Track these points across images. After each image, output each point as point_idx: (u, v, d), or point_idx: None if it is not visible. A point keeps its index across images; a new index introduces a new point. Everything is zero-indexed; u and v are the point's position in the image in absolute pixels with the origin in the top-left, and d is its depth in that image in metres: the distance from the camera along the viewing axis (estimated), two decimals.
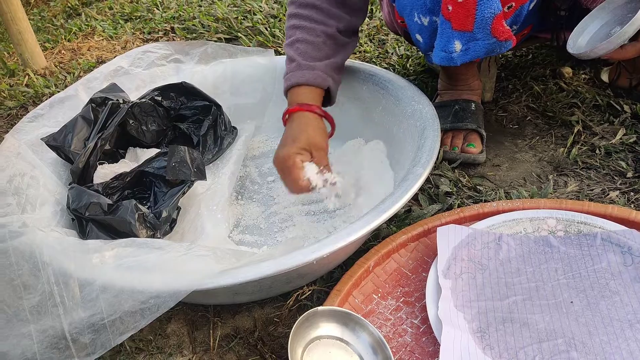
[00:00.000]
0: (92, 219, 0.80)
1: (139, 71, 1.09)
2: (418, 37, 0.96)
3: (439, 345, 0.66)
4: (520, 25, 0.94)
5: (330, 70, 0.93)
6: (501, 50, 0.87)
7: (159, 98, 1.00)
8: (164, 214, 0.79)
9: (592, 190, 0.94)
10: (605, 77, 1.18)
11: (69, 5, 2.35)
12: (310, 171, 0.84)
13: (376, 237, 0.88)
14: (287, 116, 0.91)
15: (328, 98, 0.95)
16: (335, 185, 0.85)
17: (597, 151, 1.02)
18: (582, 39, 0.92)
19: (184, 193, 0.84)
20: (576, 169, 1.00)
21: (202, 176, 0.86)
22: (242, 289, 0.72)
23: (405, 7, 0.93)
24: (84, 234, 0.80)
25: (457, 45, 0.87)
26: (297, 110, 0.89)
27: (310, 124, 0.87)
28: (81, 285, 0.62)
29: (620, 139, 1.04)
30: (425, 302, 0.73)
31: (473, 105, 1.08)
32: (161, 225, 0.80)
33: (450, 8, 0.83)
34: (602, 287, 0.72)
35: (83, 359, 0.60)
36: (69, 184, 0.87)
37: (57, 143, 0.92)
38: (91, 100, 0.95)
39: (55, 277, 0.63)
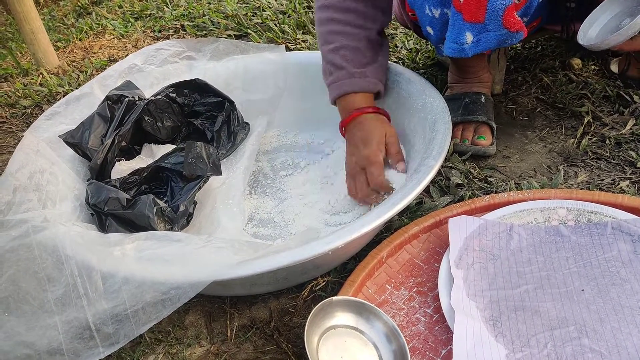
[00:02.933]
0: (111, 213, 0.82)
1: (153, 68, 1.11)
2: (429, 29, 0.96)
3: (452, 333, 0.68)
4: (530, 17, 0.95)
5: (379, 74, 0.97)
6: (512, 41, 0.87)
7: (174, 95, 1.02)
8: (182, 208, 0.81)
9: (602, 180, 0.95)
10: (614, 67, 1.18)
11: (79, 4, 2.37)
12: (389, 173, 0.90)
13: (388, 228, 0.89)
14: (346, 124, 0.95)
15: (376, 96, 0.99)
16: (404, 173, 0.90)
17: (607, 141, 1.03)
18: (592, 31, 0.93)
19: (200, 188, 0.86)
20: (586, 159, 1.01)
21: (218, 171, 0.88)
22: (258, 279, 0.73)
23: None
24: (103, 229, 0.82)
25: (469, 37, 0.87)
26: (358, 115, 0.93)
27: (377, 120, 0.92)
28: (104, 277, 0.64)
29: (631, 129, 1.04)
30: (437, 291, 0.74)
31: (483, 98, 1.09)
32: (179, 219, 0.81)
33: (461, 0, 0.84)
34: (613, 275, 0.73)
35: (107, 348, 0.62)
36: (88, 180, 0.89)
37: (74, 140, 0.94)
38: (107, 98, 0.97)
39: (79, 269, 0.65)
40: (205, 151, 0.87)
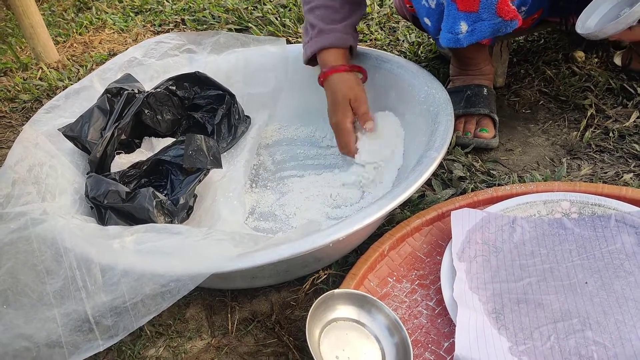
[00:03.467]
0: (111, 206, 0.81)
1: (153, 62, 1.10)
2: (426, 20, 0.96)
3: (454, 326, 0.67)
4: (530, 8, 0.94)
5: (349, 30, 0.99)
6: (507, 29, 0.87)
7: (174, 88, 1.01)
8: (181, 201, 0.81)
9: (605, 173, 0.94)
10: (618, 60, 1.17)
11: None
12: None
13: (390, 221, 0.89)
14: (321, 79, 1.00)
15: (350, 53, 1.02)
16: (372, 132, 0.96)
17: (611, 134, 1.02)
18: (592, 20, 0.92)
19: (200, 181, 0.85)
20: (590, 152, 1.00)
21: (218, 164, 0.87)
22: (259, 272, 0.73)
23: None
24: (102, 222, 0.82)
25: (463, 27, 0.87)
26: (330, 73, 0.97)
27: (344, 83, 0.96)
28: (103, 270, 0.64)
29: (634, 121, 1.03)
30: (439, 284, 0.74)
31: (485, 90, 1.08)
32: (178, 212, 0.81)
33: None
34: (617, 267, 0.72)
35: (106, 341, 0.61)
36: (87, 173, 0.88)
37: (74, 133, 0.93)
38: (106, 91, 0.96)
39: (77, 262, 0.65)
40: (206, 144, 0.86)
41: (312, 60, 1.03)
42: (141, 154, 0.93)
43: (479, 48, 1.02)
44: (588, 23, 0.91)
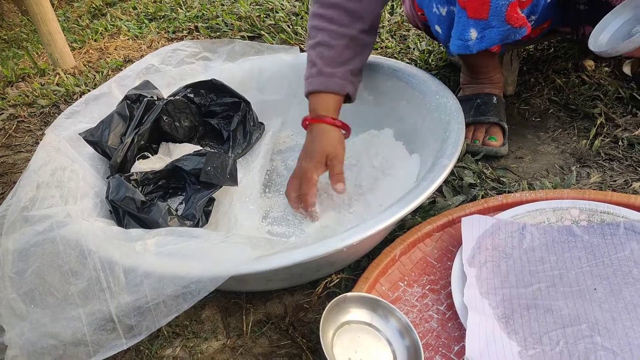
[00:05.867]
0: (127, 211, 0.84)
1: (170, 69, 1.13)
2: (437, 28, 0.97)
3: (465, 330, 0.68)
4: (539, 17, 0.95)
5: (349, 76, 0.96)
6: (516, 36, 0.89)
7: (192, 95, 1.04)
8: (196, 217, 0.83)
9: (615, 181, 0.96)
10: (627, 69, 1.19)
11: (94, 5, 2.41)
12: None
13: (402, 227, 0.90)
14: (306, 123, 0.96)
15: (347, 98, 0.99)
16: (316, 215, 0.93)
17: (620, 143, 1.04)
18: (603, 37, 0.92)
19: (212, 195, 0.88)
20: (599, 160, 1.01)
21: (234, 182, 0.90)
22: (274, 275, 0.75)
23: None
24: (121, 225, 0.84)
25: (473, 34, 0.89)
26: (315, 122, 0.94)
27: (325, 136, 0.93)
28: (126, 271, 0.66)
29: None
30: (450, 289, 0.75)
31: (495, 99, 1.09)
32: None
33: None
34: (625, 274, 0.73)
35: (130, 339, 0.64)
36: (107, 177, 0.91)
37: (94, 138, 0.96)
38: (126, 97, 0.99)
39: (101, 263, 0.67)
40: (224, 162, 0.89)
41: None
42: (161, 160, 0.95)
43: (489, 56, 1.04)
44: (600, 40, 0.91)
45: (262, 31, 1.72)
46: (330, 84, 0.94)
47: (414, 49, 1.47)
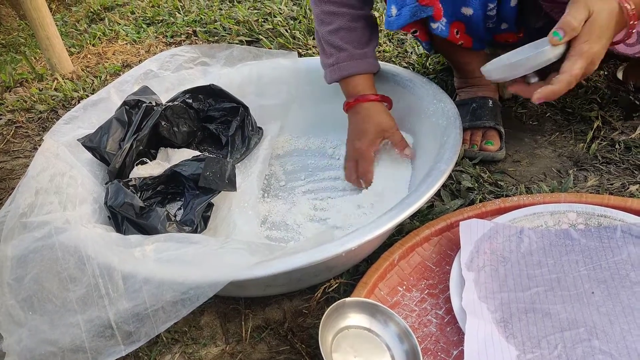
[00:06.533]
0: (126, 217, 0.84)
1: (168, 74, 1.13)
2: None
3: (463, 334, 0.69)
4: (512, 24, 0.98)
5: (374, 54, 1.01)
6: (421, 14, 0.92)
7: (190, 100, 1.04)
8: (195, 223, 0.84)
9: (612, 184, 0.96)
10: (620, 74, 1.19)
11: (92, 10, 2.41)
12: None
13: (400, 231, 0.91)
14: (349, 109, 1.00)
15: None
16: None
17: (617, 146, 1.04)
18: (495, 64, 0.83)
19: (210, 200, 0.88)
20: (596, 163, 1.02)
21: (232, 188, 0.90)
22: (273, 281, 0.75)
23: None
24: (120, 231, 0.84)
25: (393, 10, 0.93)
26: (359, 102, 0.98)
27: (375, 113, 0.97)
28: (124, 278, 0.66)
29: None
30: (449, 293, 0.75)
31: (490, 103, 1.10)
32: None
33: None
34: (623, 278, 0.74)
35: (128, 346, 0.64)
36: (106, 183, 0.91)
37: (92, 144, 0.96)
38: (125, 103, 0.99)
39: (100, 270, 0.67)
40: (223, 167, 0.89)
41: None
42: (158, 165, 0.96)
43: (464, 51, 1.06)
44: (489, 66, 0.83)
45: (260, 35, 1.73)
46: (364, 64, 0.99)
47: (411, 52, 1.47)
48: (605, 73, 1.24)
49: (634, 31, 0.78)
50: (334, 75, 1.00)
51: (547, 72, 0.76)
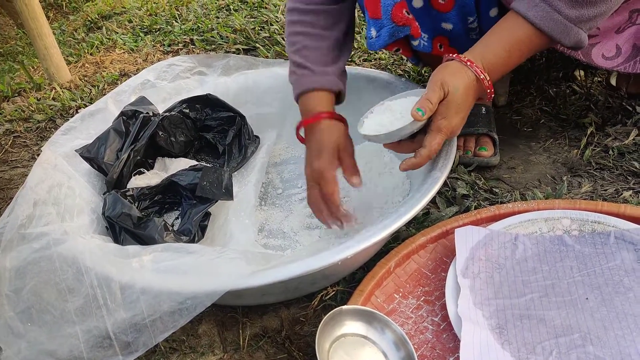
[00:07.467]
0: (124, 227, 0.85)
1: (165, 84, 1.14)
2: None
3: (459, 341, 0.69)
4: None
5: (339, 74, 0.97)
6: (399, 34, 0.93)
7: (187, 110, 1.05)
8: (192, 232, 0.84)
9: (605, 190, 0.97)
10: (613, 81, 1.21)
11: (89, 19, 2.42)
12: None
13: (396, 239, 0.91)
14: (304, 126, 0.93)
15: (337, 98, 0.98)
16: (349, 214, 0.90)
17: (611, 152, 1.05)
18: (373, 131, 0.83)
19: (208, 209, 0.89)
20: (590, 169, 1.03)
21: (229, 197, 0.91)
22: (270, 289, 0.75)
23: None
24: (118, 241, 0.85)
25: (373, 32, 0.94)
26: (313, 121, 0.91)
27: (330, 130, 0.91)
28: (122, 288, 0.67)
29: (633, 139, 1.06)
30: (445, 300, 0.76)
31: (483, 109, 1.11)
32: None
33: None
34: (617, 283, 0.74)
35: (126, 356, 0.64)
36: (104, 193, 0.92)
37: (90, 155, 0.97)
38: (122, 113, 1.00)
39: (98, 280, 0.68)
40: (220, 177, 0.90)
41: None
42: (157, 176, 0.96)
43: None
44: (367, 122, 0.85)
45: (257, 44, 1.74)
46: (324, 81, 0.93)
47: (407, 60, 1.48)
48: (599, 79, 1.25)
49: (602, 49, 0.88)
50: (295, 91, 0.95)
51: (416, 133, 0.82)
